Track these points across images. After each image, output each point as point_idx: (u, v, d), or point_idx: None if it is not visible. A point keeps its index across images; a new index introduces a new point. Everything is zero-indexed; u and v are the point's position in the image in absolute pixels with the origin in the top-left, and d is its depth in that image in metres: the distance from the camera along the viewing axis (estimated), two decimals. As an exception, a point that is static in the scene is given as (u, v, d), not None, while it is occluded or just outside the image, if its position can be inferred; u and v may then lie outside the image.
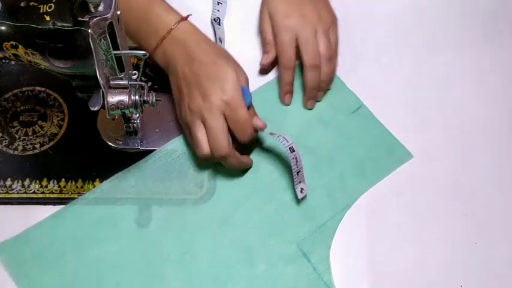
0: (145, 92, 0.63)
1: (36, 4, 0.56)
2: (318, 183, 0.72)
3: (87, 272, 0.66)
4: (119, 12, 0.58)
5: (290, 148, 0.68)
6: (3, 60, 0.77)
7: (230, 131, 0.68)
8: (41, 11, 0.56)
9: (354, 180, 0.72)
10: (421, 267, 0.68)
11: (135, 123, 0.71)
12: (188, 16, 0.71)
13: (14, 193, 0.70)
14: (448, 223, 0.71)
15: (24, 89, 0.76)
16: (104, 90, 0.60)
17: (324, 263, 0.67)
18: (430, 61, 0.81)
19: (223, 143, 0.67)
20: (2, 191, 0.70)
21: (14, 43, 0.58)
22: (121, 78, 0.62)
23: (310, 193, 0.70)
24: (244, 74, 0.70)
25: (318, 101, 0.77)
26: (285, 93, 0.76)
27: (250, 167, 0.72)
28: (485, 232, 0.70)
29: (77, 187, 0.70)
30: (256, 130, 0.70)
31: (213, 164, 0.72)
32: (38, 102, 0.75)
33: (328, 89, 0.78)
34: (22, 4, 0.57)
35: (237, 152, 0.69)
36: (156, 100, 0.64)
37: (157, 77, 0.77)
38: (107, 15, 0.56)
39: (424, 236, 0.70)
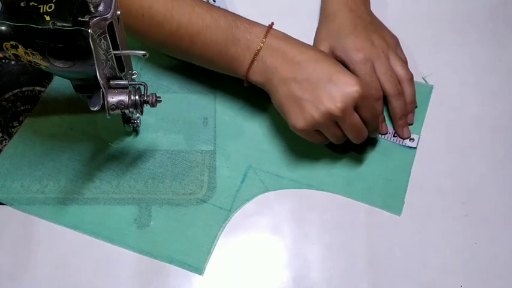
0: (145, 92, 0.63)
1: (36, 4, 0.56)
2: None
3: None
4: (118, 12, 0.58)
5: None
6: (3, 60, 0.77)
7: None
8: (41, 11, 0.56)
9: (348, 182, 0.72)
10: (421, 267, 0.68)
11: (135, 123, 0.72)
12: (273, 24, 0.70)
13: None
14: (448, 223, 0.71)
15: (24, 89, 0.76)
16: (103, 90, 0.60)
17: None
18: (430, 60, 0.81)
19: (365, 132, 0.69)
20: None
21: (14, 43, 0.58)
22: (121, 78, 0.62)
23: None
24: None
25: (411, 124, 0.76)
26: (380, 123, 0.74)
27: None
28: (485, 232, 0.70)
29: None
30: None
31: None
32: (38, 101, 0.75)
33: (416, 107, 0.77)
34: (22, 4, 0.57)
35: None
36: (156, 100, 0.64)
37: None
38: (107, 15, 0.56)
39: (424, 236, 0.70)
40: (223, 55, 0.69)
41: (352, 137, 0.69)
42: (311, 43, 0.79)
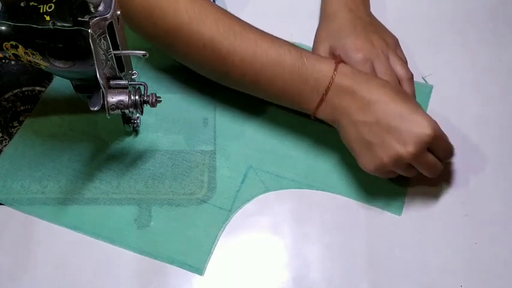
0: (145, 92, 0.63)
1: (36, 4, 0.56)
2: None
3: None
4: (118, 12, 0.58)
5: None
6: (3, 60, 0.77)
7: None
8: (41, 11, 0.56)
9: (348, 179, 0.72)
10: (421, 267, 0.68)
11: (135, 123, 0.72)
12: (341, 59, 0.69)
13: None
14: (448, 223, 0.71)
15: (24, 89, 0.76)
16: (103, 90, 0.60)
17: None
18: (430, 60, 0.81)
19: (441, 168, 0.68)
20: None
21: (14, 43, 0.58)
22: (121, 78, 0.62)
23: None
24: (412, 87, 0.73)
25: None
26: None
27: None
28: (485, 232, 0.70)
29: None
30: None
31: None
32: (38, 102, 0.75)
33: None
34: (22, 4, 0.57)
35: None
36: (156, 100, 0.64)
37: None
38: (107, 15, 0.56)
39: (424, 236, 0.70)
40: (289, 93, 0.68)
41: (427, 174, 0.68)
42: (311, 43, 0.79)
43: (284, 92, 0.68)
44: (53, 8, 0.56)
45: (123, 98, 0.61)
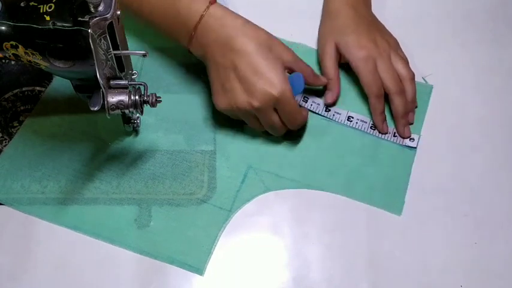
0: (145, 92, 0.63)
1: (36, 4, 0.56)
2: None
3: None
4: (118, 12, 0.58)
5: (371, 127, 0.75)
6: (3, 60, 0.77)
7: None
8: (41, 11, 0.56)
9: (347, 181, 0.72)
10: (421, 267, 0.68)
11: (135, 123, 0.71)
12: (215, 1, 0.69)
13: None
14: (448, 223, 0.71)
15: (24, 89, 0.76)
16: (103, 90, 0.60)
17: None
18: (430, 60, 0.81)
19: (282, 130, 0.71)
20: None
21: (14, 43, 0.58)
22: (121, 78, 0.62)
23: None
24: (289, 53, 0.70)
25: (411, 124, 0.75)
26: (381, 122, 0.74)
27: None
28: (485, 232, 0.70)
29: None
30: (305, 118, 0.72)
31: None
32: (38, 102, 0.75)
33: (416, 107, 0.77)
34: (22, 4, 0.57)
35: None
36: (156, 100, 0.64)
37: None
38: (107, 15, 0.56)
39: (424, 236, 0.70)
40: (166, 26, 0.71)
41: (269, 131, 0.72)
42: (311, 43, 0.79)
43: (162, 25, 0.71)
44: (53, 8, 0.56)
45: (123, 98, 0.61)
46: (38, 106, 0.75)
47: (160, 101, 0.64)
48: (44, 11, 0.56)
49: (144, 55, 0.60)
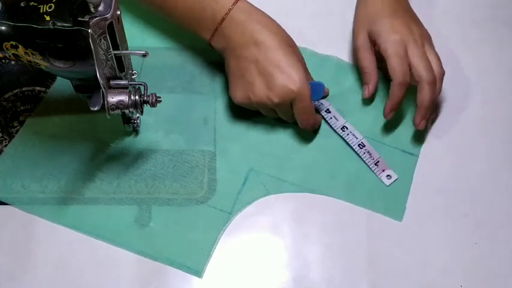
0: (145, 92, 0.63)
1: (36, 4, 0.56)
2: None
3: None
4: (118, 12, 0.58)
5: (360, 145, 0.72)
6: (3, 60, 0.77)
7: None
8: (41, 11, 0.56)
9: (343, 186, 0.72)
10: (421, 267, 0.68)
11: (135, 123, 0.71)
12: None
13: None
14: (448, 223, 0.71)
15: (24, 89, 0.76)
16: (103, 90, 0.60)
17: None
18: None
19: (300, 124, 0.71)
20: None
21: (14, 43, 0.58)
22: (121, 78, 0.62)
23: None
24: (305, 65, 0.71)
25: (421, 130, 0.73)
26: (391, 110, 0.71)
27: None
28: (485, 232, 0.70)
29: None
30: (319, 122, 0.72)
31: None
32: (38, 102, 0.75)
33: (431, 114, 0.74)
34: (22, 4, 0.57)
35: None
36: (156, 100, 0.64)
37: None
38: (107, 15, 0.56)
39: (424, 236, 0.70)
40: (189, 19, 0.71)
41: (286, 119, 0.73)
42: (311, 43, 0.79)
43: (185, 18, 0.71)
44: (53, 8, 0.56)
45: (123, 98, 0.61)
46: (38, 107, 0.75)
47: (160, 101, 0.64)
48: (44, 11, 0.56)
49: (144, 55, 0.60)
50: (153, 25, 0.80)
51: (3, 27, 0.57)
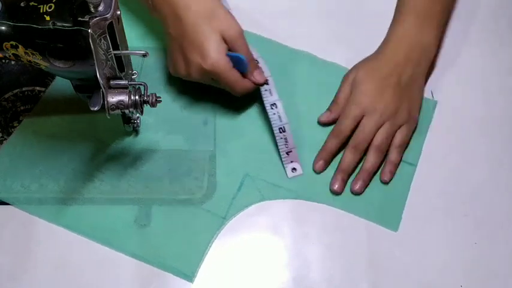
0: (145, 92, 0.63)
1: (36, 4, 0.56)
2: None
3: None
4: (118, 12, 0.58)
5: (280, 128, 0.70)
6: (3, 60, 0.77)
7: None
8: (41, 11, 0.56)
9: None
10: (421, 267, 0.68)
11: (135, 123, 0.71)
12: None
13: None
14: (448, 223, 0.71)
15: (24, 89, 0.76)
16: (103, 90, 0.60)
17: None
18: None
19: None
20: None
21: (14, 43, 0.58)
22: (121, 78, 0.62)
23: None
24: (232, 28, 0.69)
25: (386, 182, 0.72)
26: (320, 159, 0.72)
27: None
28: (485, 232, 0.70)
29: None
30: (253, 87, 0.71)
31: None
32: (38, 102, 0.75)
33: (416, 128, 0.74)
34: (22, 4, 0.57)
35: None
36: (156, 100, 0.64)
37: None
38: (107, 15, 0.56)
39: (424, 236, 0.70)
40: None
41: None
42: (311, 43, 0.79)
43: None
44: (53, 8, 0.56)
45: (123, 98, 0.61)
46: (37, 106, 0.75)
47: (160, 101, 0.64)
48: (44, 11, 0.56)
49: (144, 55, 0.60)
50: (153, 25, 0.80)
51: (3, 27, 0.57)
